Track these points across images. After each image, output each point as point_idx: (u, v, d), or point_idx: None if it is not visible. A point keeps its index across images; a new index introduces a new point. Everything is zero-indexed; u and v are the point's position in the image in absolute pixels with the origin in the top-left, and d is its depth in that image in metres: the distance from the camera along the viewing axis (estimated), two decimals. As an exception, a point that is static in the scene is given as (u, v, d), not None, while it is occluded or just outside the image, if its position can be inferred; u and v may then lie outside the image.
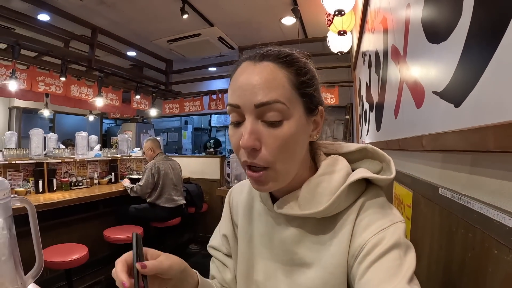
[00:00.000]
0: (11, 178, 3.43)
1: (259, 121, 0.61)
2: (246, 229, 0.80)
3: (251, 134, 0.60)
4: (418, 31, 0.88)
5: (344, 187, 0.63)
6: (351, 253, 0.62)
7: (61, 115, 7.13)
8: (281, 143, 0.60)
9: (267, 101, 0.59)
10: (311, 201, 0.66)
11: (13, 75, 3.52)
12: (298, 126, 0.63)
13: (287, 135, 0.61)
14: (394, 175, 0.66)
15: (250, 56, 0.66)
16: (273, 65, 0.63)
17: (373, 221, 0.62)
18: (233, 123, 0.65)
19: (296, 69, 0.64)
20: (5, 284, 0.77)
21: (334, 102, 4.87)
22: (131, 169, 5.14)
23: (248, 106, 0.61)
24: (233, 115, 0.64)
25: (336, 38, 3.25)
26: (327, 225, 0.67)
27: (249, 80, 0.62)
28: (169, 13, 4.23)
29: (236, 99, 0.63)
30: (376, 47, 1.82)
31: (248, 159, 0.62)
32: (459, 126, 0.62)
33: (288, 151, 0.62)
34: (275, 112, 0.60)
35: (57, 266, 2.60)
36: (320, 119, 0.69)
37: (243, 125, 0.62)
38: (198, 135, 10.47)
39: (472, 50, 0.56)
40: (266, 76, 0.61)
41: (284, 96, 0.61)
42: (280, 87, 0.61)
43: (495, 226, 0.52)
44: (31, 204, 0.91)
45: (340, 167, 0.70)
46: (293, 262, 0.69)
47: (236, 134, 0.64)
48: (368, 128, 2.47)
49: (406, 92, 1.06)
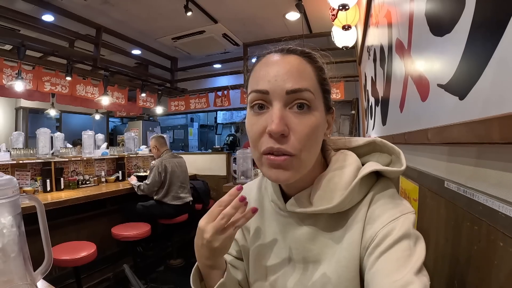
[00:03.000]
0: (19, 177, 3.46)
1: (287, 108, 0.62)
2: (259, 229, 0.80)
3: (281, 119, 0.60)
4: (422, 24, 0.87)
5: (356, 181, 0.63)
6: (363, 245, 0.62)
7: (68, 115, 7.19)
8: (309, 131, 0.61)
9: (299, 88, 0.61)
10: (323, 197, 0.66)
11: (19, 76, 3.56)
12: (321, 119, 0.65)
13: (315, 124, 0.62)
14: (404, 166, 0.66)
15: (276, 49, 0.68)
16: (301, 58, 0.65)
17: (383, 212, 0.63)
18: (256, 111, 0.64)
19: (319, 66, 0.67)
20: (14, 280, 0.78)
21: (340, 97, 4.84)
22: (138, 166, 5.16)
23: (278, 92, 0.61)
24: (257, 102, 0.64)
25: (340, 32, 3.23)
26: (340, 220, 0.67)
27: (280, 67, 0.63)
28: (173, 11, 4.23)
29: (265, 84, 0.62)
30: (381, 41, 1.81)
31: (274, 145, 0.60)
32: (464, 118, 0.61)
33: (314, 141, 0.63)
34: (304, 100, 0.61)
35: (66, 264, 2.63)
36: (332, 119, 0.72)
37: (268, 113, 0.62)
38: (204, 132, 10.48)
39: (476, 42, 0.56)
40: (297, 66, 0.63)
41: (313, 87, 0.63)
42: (309, 78, 0.63)
43: (501, 218, 0.51)
44: (39, 202, 0.92)
45: (350, 161, 0.70)
46: (307, 259, 0.70)
47: (259, 122, 0.63)
48: (374, 122, 2.46)
49: (411, 86, 1.05)
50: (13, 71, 3.62)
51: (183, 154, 4.91)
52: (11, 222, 0.81)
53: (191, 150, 9.15)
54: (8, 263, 0.79)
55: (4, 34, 3.87)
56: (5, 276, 0.78)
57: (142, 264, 3.85)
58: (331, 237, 0.67)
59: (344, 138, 0.78)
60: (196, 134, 10.01)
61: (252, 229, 0.82)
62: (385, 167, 0.67)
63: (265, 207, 0.81)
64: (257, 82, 0.64)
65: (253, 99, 0.64)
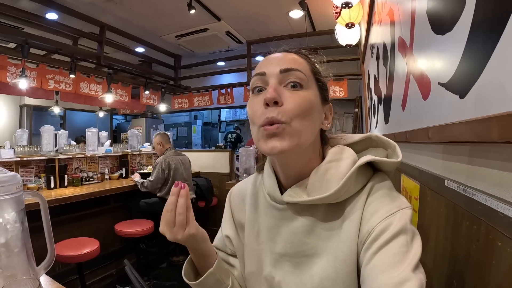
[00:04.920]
0: (23, 174, 3.49)
1: (282, 86, 0.68)
2: (253, 223, 0.81)
3: (275, 90, 0.66)
4: (424, 23, 0.87)
5: (353, 169, 0.64)
6: (360, 239, 0.63)
7: (71, 112, 7.23)
8: (299, 102, 0.66)
9: (291, 67, 0.68)
10: (319, 188, 0.67)
11: (23, 74, 3.57)
12: (315, 99, 0.70)
13: (305, 98, 0.67)
14: (401, 158, 0.67)
15: (273, 50, 0.76)
16: (296, 54, 0.74)
17: (380, 206, 0.63)
18: (255, 93, 0.71)
19: (313, 63, 0.75)
20: (18, 275, 0.79)
21: (343, 95, 4.82)
22: (141, 164, 5.19)
23: (273, 72, 0.69)
24: (256, 84, 0.71)
25: (344, 30, 3.22)
26: (337, 211, 0.68)
27: (277, 56, 0.72)
28: (176, 9, 4.23)
29: (262, 68, 0.70)
30: (384, 39, 1.80)
31: (268, 115, 0.64)
32: (464, 117, 0.61)
33: (305, 112, 0.66)
34: (296, 78, 0.68)
35: (69, 260, 2.65)
36: (330, 114, 0.76)
37: (265, 90, 0.68)
38: (208, 129, 10.50)
39: (476, 40, 0.56)
40: (291, 56, 0.72)
41: (305, 70, 0.70)
42: (302, 65, 0.71)
43: (499, 218, 0.51)
44: (42, 198, 0.93)
45: (347, 155, 0.71)
46: (303, 253, 0.70)
47: (258, 100, 0.69)
48: (377, 121, 2.45)
49: (413, 84, 1.05)
50: (17, 69, 3.63)
51: (186, 152, 4.93)
52: (15, 218, 0.82)
53: (195, 147, 9.16)
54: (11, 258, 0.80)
55: (8, 32, 3.89)
56: (8, 271, 0.79)
57: (145, 261, 3.87)
58: (329, 229, 0.68)
59: (341, 135, 0.80)
60: (200, 132, 10.02)
61: (246, 224, 0.83)
62: (382, 158, 0.68)
63: (259, 201, 0.82)
64: (258, 68, 0.72)
65: (253, 82, 0.72)
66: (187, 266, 0.81)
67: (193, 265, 0.81)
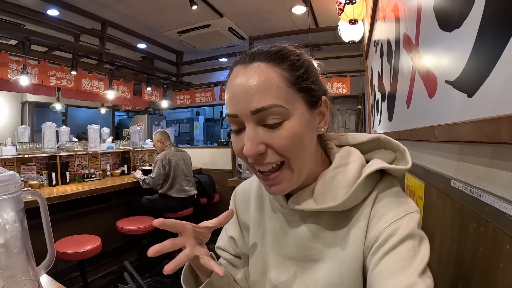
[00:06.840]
0: (25, 171, 3.49)
1: (259, 126, 0.60)
2: (258, 225, 0.79)
3: (254, 140, 0.59)
4: (430, 19, 0.85)
5: (361, 179, 0.62)
6: (367, 244, 0.61)
7: (73, 109, 7.22)
8: (286, 143, 0.59)
9: (262, 106, 0.58)
10: (327, 195, 0.65)
11: (24, 71, 3.56)
12: (302, 123, 0.61)
13: (291, 134, 0.59)
14: (410, 164, 0.65)
15: (240, 58, 0.65)
16: (264, 64, 0.61)
17: (387, 211, 0.61)
18: (234, 131, 0.64)
19: (289, 64, 0.61)
20: (17, 275, 0.78)
21: (346, 91, 4.79)
22: (143, 160, 5.18)
23: (245, 114, 0.59)
24: (233, 124, 0.64)
25: (347, 27, 3.19)
26: (343, 219, 0.66)
27: (242, 87, 0.60)
28: (178, 5, 4.21)
29: (232, 108, 0.61)
30: (388, 35, 1.79)
31: (256, 166, 0.63)
32: (473, 116, 0.60)
33: (299, 146, 0.60)
34: (273, 115, 0.58)
35: (71, 257, 2.66)
36: (326, 109, 0.67)
37: (244, 132, 0.62)
38: (210, 126, 10.49)
39: (486, 38, 0.54)
40: (258, 79, 0.59)
41: (280, 98, 0.59)
42: (274, 88, 0.59)
43: (508, 220, 0.50)
44: (42, 197, 0.92)
45: (354, 158, 0.69)
46: (309, 258, 0.69)
47: (239, 141, 0.63)
48: (380, 118, 2.44)
49: (419, 82, 1.03)
50: (18, 65, 3.62)
51: (188, 148, 4.92)
52: (14, 218, 0.81)
53: (197, 144, 9.17)
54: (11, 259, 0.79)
55: (9, 29, 3.88)
56: (8, 271, 0.78)
57: (147, 258, 3.86)
58: (334, 236, 0.66)
59: (347, 134, 0.76)
60: (202, 128, 10.02)
61: (251, 226, 0.81)
62: (390, 165, 0.65)
63: (265, 204, 0.80)
64: (227, 104, 0.63)
65: (228, 121, 0.64)
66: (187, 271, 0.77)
67: (192, 270, 0.77)
